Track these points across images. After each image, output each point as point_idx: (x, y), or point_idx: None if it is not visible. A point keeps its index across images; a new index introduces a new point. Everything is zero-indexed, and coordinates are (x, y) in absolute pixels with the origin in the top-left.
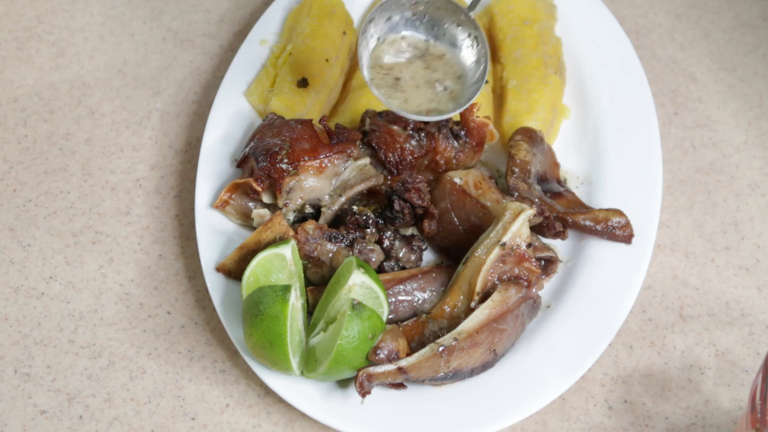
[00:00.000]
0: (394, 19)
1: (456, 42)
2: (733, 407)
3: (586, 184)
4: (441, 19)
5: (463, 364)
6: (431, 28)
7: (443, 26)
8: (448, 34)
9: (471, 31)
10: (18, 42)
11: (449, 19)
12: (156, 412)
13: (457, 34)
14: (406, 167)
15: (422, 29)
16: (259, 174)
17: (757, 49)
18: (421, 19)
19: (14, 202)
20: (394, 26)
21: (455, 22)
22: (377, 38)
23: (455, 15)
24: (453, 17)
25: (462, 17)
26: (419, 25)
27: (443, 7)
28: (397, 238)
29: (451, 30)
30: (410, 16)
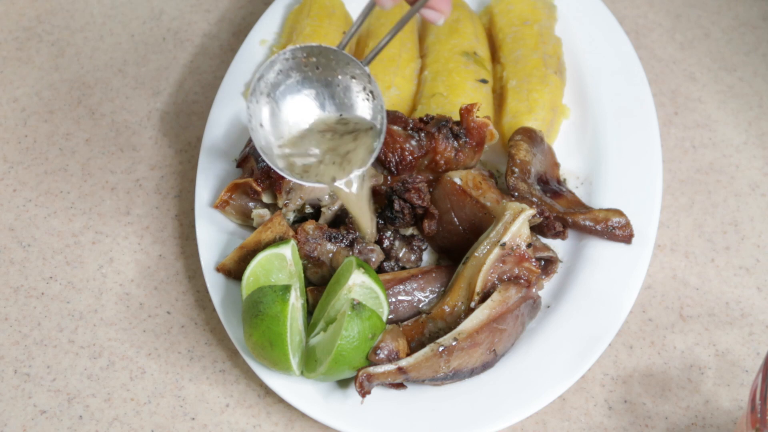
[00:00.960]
0: (287, 77)
1: (350, 96)
2: (733, 407)
3: (586, 184)
4: (334, 72)
5: (463, 364)
6: (324, 84)
7: (336, 81)
8: (341, 89)
9: (366, 84)
10: (18, 42)
11: (342, 72)
12: (156, 412)
13: (351, 87)
14: (406, 167)
15: (315, 86)
16: (259, 174)
17: (757, 49)
18: (314, 73)
19: (14, 202)
20: (286, 85)
21: (349, 75)
22: (268, 96)
23: (348, 68)
24: (347, 69)
25: (357, 71)
26: (312, 81)
27: (336, 59)
28: (397, 238)
29: (345, 83)
30: (302, 70)
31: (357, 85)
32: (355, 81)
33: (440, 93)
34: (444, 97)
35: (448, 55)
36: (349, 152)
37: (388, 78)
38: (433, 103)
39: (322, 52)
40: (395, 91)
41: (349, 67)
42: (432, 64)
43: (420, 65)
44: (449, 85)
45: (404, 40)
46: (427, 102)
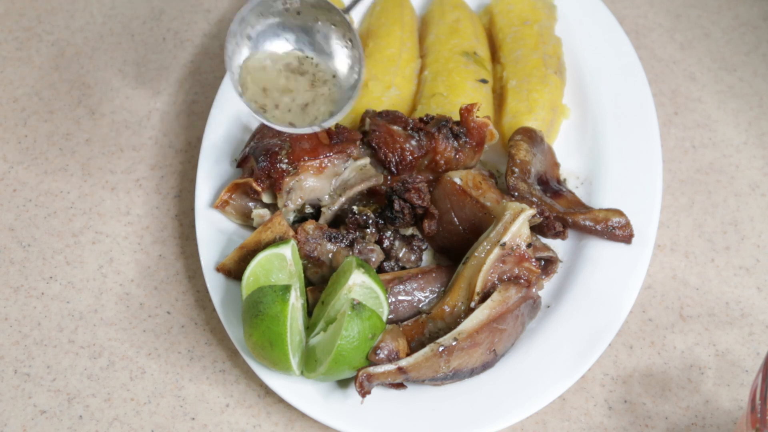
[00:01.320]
0: (267, 19)
1: (330, 44)
2: (733, 407)
3: (586, 184)
4: (314, 18)
5: (463, 364)
6: (304, 31)
7: (316, 27)
8: (321, 36)
9: (345, 32)
10: (18, 42)
11: (323, 19)
12: (156, 412)
13: (331, 35)
14: (406, 167)
15: (295, 31)
16: (259, 174)
17: (757, 49)
18: (294, 18)
19: (14, 202)
20: (265, 28)
21: (329, 22)
22: (248, 39)
23: (329, 14)
24: (327, 16)
25: (337, 18)
26: (292, 27)
27: (317, 6)
28: (397, 238)
29: (324, 30)
30: (283, 14)
31: (336, 32)
32: (335, 28)
33: (440, 93)
34: (444, 97)
35: (448, 55)
36: (308, 104)
37: (388, 78)
38: (433, 103)
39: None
40: (395, 91)
41: (330, 14)
42: (432, 64)
43: (420, 65)
44: (449, 85)
45: (404, 40)
46: (427, 102)
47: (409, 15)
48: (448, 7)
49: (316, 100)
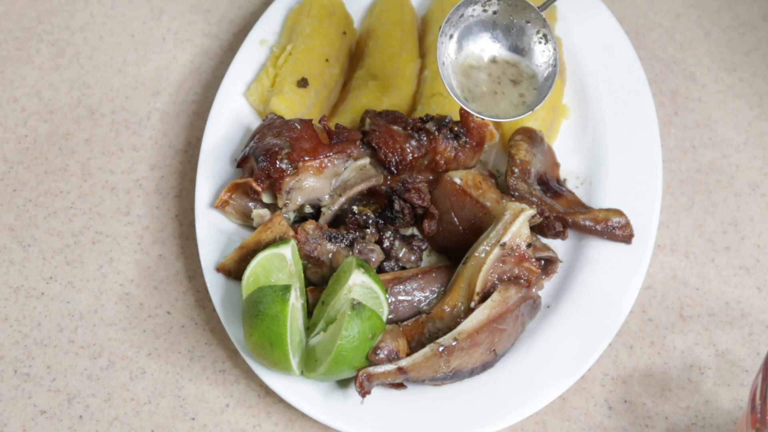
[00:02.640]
0: (468, 18)
1: (526, 41)
2: (733, 407)
3: (586, 184)
4: (510, 17)
5: (463, 364)
6: (501, 29)
7: (512, 24)
8: (518, 33)
9: (540, 28)
10: (18, 42)
11: (518, 17)
12: (156, 412)
13: (525, 31)
14: (406, 167)
15: (492, 29)
16: (259, 174)
17: (757, 49)
18: (491, 17)
19: (14, 202)
20: (468, 27)
21: (524, 19)
22: (449, 38)
23: (524, 12)
24: (522, 14)
25: (532, 15)
26: (489, 26)
27: (512, 4)
28: (397, 238)
29: (519, 26)
30: (482, 14)
31: (531, 28)
32: (530, 25)
33: (440, 93)
34: (444, 97)
35: None
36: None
37: (388, 78)
38: (433, 103)
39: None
40: (395, 91)
41: (525, 12)
42: (432, 64)
43: (420, 65)
44: None
45: (404, 40)
46: (427, 102)
47: (409, 15)
48: (448, 7)
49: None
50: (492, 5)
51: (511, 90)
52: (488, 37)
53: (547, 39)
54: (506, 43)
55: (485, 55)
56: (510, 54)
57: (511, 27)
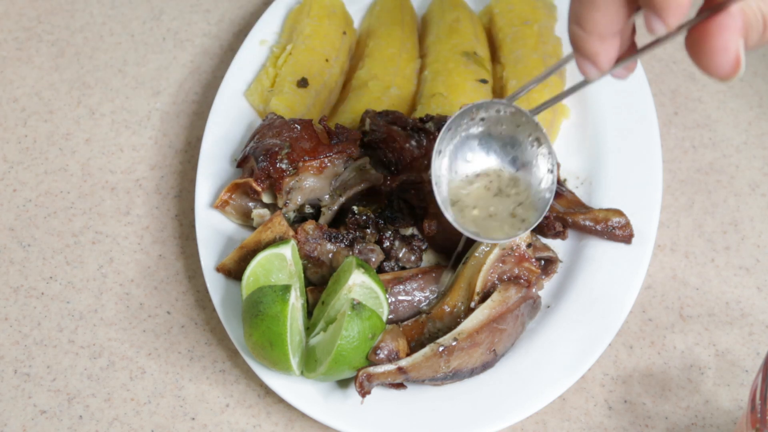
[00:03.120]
0: (457, 134)
1: (519, 148)
2: (733, 407)
3: (586, 184)
4: (502, 124)
5: (463, 364)
6: (492, 137)
7: (504, 132)
8: (510, 140)
9: (531, 131)
10: (18, 42)
11: (510, 122)
12: (156, 412)
13: (517, 135)
14: (406, 167)
15: (481, 138)
16: (259, 174)
17: (758, 49)
18: (479, 126)
19: (14, 202)
20: (459, 143)
21: (514, 124)
22: (438, 154)
23: (514, 117)
24: (513, 120)
25: (522, 119)
26: (478, 135)
27: (502, 110)
28: (397, 238)
29: (511, 132)
30: (472, 128)
31: (522, 133)
32: (520, 129)
33: (440, 93)
34: (444, 97)
35: (448, 55)
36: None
37: (388, 78)
38: (433, 103)
39: (488, 106)
40: (395, 91)
41: (515, 116)
42: (432, 64)
43: (420, 65)
44: (449, 85)
45: (404, 40)
46: (427, 102)
47: (409, 15)
48: (448, 7)
49: (515, 210)
50: (480, 113)
51: (506, 205)
52: (479, 149)
53: (541, 143)
54: (498, 152)
55: (477, 168)
56: (503, 164)
57: (501, 134)
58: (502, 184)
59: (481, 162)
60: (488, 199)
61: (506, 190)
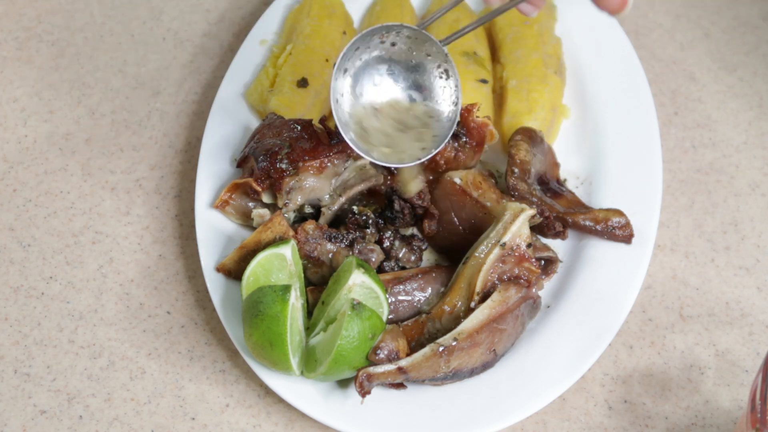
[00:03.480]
0: (364, 53)
1: (425, 76)
2: (733, 407)
3: (586, 184)
4: (409, 50)
5: (463, 364)
6: (400, 63)
7: (411, 58)
8: (416, 67)
9: (441, 62)
10: (18, 42)
11: (418, 50)
12: (156, 412)
13: (426, 65)
14: None
15: (390, 63)
16: (259, 174)
17: (757, 49)
18: (389, 50)
19: (14, 202)
20: (365, 63)
21: (424, 53)
22: (344, 72)
23: (424, 46)
24: (422, 48)
25: (433, 48)
26: (388, 60)
27: (412, 37)
28: (397, 238)
29: (419, 61)
30: (380, 46)
31: (431, 62)
32: (430, 59)
33: None
34: None
35: None
36: (405, 149)
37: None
38: None
39: (399, 29)
40: None
41: (425, 45)
42: None
43: None
44: None
45: None
46: None
47: (409, 15)
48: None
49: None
50: (390, 37)
51: (411, 133)
52: (386, 74)
53: (449, 75)
54: (406, 80)
55: (383, 96)
56: (410, 92)
57: (410, 61)
58: (408, 117)
59: (388, 89)
60: (394, 132)
61: (412, 122)
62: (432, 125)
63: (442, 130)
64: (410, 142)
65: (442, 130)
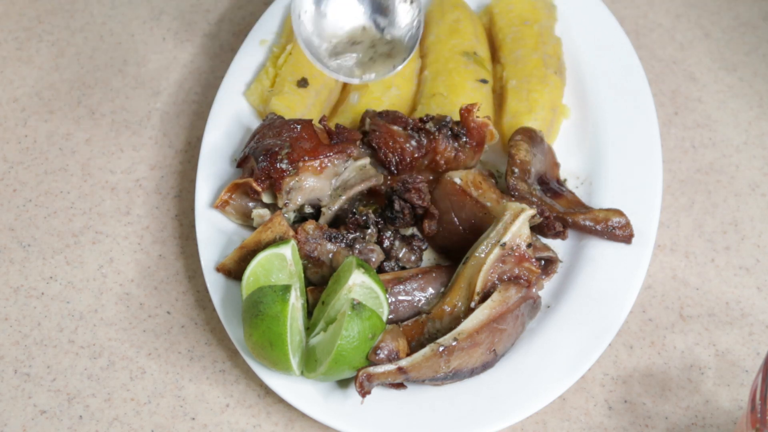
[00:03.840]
0: None
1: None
2: (733, 407)
3: (586, 184)
4: None
5: (463, 364)
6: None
7: None
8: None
9: None
10: (18, 42)
11: None
12: (156, 412)
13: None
14: (406, 167)
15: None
16: (259, 174)
17: (757, 49)
18: None
19: (14, 202)
20: None
21: None
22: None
23: None
24: None
25: None
26: None
27: None
28: (397, 238)
29: None
30: None
31: None
32: None
33: (440, 93)
34: (444, 97)
35: (448, 55)
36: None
37: (388, 78)
38: (433, 103)
39: None
40: (395, 91)
41: None
42: (432, 64)
43: (420, 65)
44: (449, 85)
45: None
46: (427, 102)
47: None
48: (448, 7)
49: (376, 59)
50: None
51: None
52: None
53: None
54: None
55: (347, 21)
56: (373, 16)
57: None
58: (368, 34)
59: (353, 10)
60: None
61: (382, 49)
62: (393, 51)
63: (408, 40)
64: (381, 66)
65: (409, 41)
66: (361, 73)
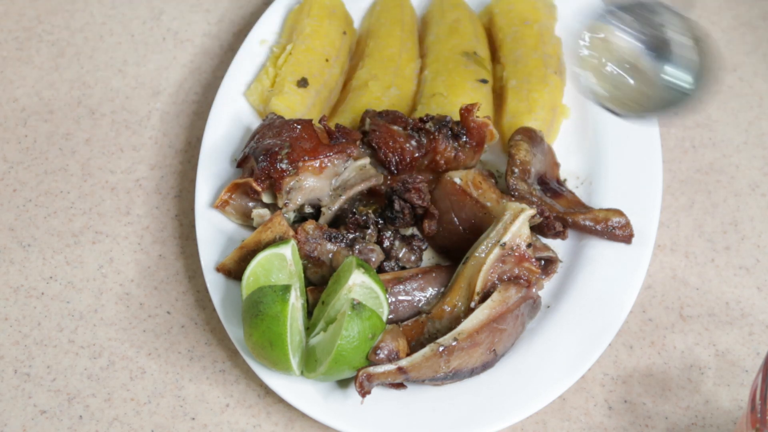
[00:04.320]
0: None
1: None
2: (733, 407)
3: (586, 184)
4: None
5: (463, 364)
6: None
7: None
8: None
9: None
10: (18, 42)
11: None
12: (156, 412)
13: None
14: (406, 167)
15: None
16: (259, 174)
17: (757, 49)
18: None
19: (14, 202)
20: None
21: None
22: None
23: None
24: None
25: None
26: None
27: (652, 11)
28: (397, 238)
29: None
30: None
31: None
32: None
33: (440, 93)
34: (444, 97)
35: (448, 55)
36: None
37: (388, 78)
38: (433, 103)
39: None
40: (395, 91)
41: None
42: (432, 64)
43: (420, 65)
44: (449, 85)
45: (404, 40)
46: (427, 102)
47: (409, 15)
48: (448, 7)
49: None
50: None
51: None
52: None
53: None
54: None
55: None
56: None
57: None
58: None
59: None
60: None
61: (657, 81)
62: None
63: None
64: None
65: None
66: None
